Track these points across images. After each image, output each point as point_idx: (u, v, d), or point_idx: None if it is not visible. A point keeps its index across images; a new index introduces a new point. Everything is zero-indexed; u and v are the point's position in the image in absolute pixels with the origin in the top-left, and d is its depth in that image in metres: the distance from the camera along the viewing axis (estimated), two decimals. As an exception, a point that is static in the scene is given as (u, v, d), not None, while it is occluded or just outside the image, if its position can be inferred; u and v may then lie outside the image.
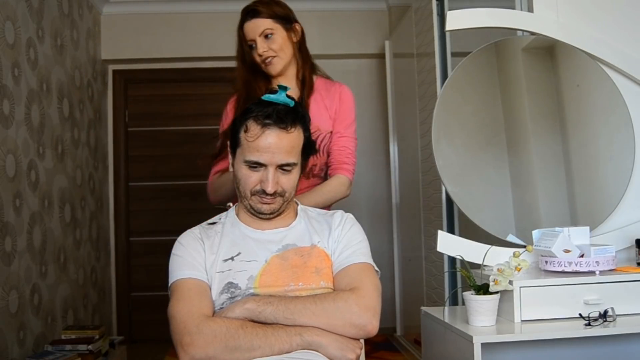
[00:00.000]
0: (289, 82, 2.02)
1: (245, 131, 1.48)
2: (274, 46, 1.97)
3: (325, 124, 2.03)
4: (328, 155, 2.05)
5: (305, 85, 2.04)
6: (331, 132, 2.04)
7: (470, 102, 2.23)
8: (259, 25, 1.97)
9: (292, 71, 2.05)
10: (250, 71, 2.03)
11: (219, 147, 2.03)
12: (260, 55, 1.98)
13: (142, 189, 4.45)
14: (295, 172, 1.52)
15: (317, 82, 2.08)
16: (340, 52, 4.55)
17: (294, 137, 1.49)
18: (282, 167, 1.49)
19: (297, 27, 2.05)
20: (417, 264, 3.66)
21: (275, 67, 2.00)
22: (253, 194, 1.50)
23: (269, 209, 1.52)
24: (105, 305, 4.11)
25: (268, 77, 2.04)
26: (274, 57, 1.99)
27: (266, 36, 1.97)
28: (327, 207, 1.97)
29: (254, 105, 1.51)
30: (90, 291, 3.74)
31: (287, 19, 2.01)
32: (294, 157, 1.49)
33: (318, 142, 1.98)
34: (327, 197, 1.98)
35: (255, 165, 1.48)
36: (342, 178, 2.01)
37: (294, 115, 1.50)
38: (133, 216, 4.42)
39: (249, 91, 2.00)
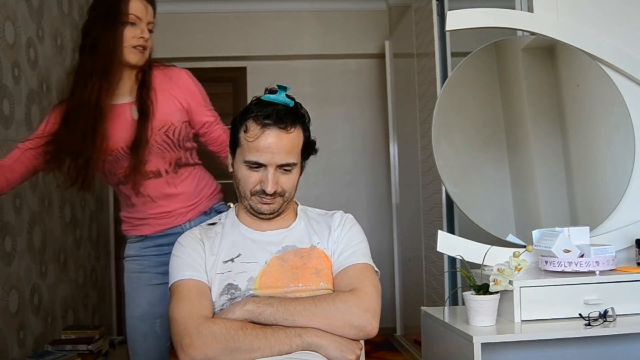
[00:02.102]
0: (130, 77, 1.83)
1: (245, 131, 1.48)
2: (149, 37, 1.80)
3: (177, 116, 1.84)
4: (189, 145, 1.90)
5: (145, 81, 1.82)
6: (187, 122, 1.87)
7: (470, 102, 2.23)
8: (150, 12, 1.80)
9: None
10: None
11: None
12: (141, 38, 1.77)
13: (142, 188, 4.44)
14: (295, 172, 1.52)
15: (156, 72, 1.87)
16: (340, 52, 4.56)
17: (293, 137, 1.48)
18: (282, 167, 1.48)
19: None
20: (417, 264, 3.66)
21: (144, 57, 1.81)
22: (253, 194, 1.50)
23: (269, 209, 1.51)
24: (105, 305, 4.10)
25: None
26: (147, 48, 1.81)
27: (148, 23, 1.79)
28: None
29: (253, 105, 1.51)
30: (90, 291, 3.74)
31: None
32: (294, 157, 1.49)
33: (175, 136, 1.83)
34: None
35: (255, 166, 1.47)
36: None
37: (294, 115, 1.49)
38: (133, 216, 4.41)
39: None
